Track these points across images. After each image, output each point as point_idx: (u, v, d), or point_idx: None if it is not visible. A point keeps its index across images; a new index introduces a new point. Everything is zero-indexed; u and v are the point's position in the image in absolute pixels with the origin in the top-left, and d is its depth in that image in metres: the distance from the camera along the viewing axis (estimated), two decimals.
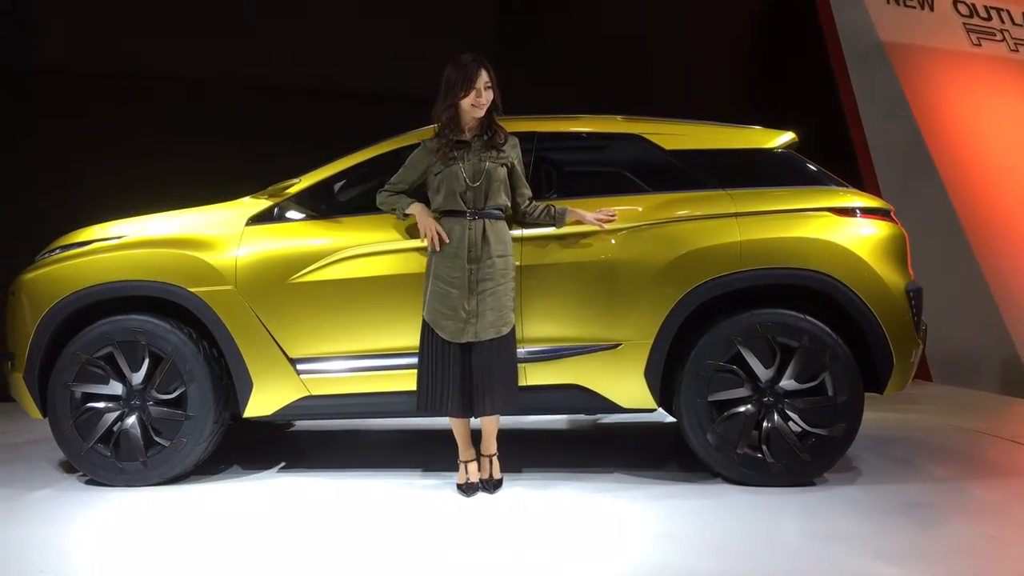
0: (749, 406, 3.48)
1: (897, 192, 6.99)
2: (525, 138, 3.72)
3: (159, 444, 3.67)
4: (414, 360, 3.45)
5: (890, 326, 3.48)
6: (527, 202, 3.51)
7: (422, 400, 3.34)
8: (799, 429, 3.49)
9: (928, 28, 7.90)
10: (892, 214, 3.75)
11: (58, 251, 3.92)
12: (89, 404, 3.73)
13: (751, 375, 3.49)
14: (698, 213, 3.59)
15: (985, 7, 8.07)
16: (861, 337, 3.51)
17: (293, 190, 3.77)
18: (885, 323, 3.47)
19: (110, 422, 3.70)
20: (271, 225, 3.73)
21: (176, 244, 3.75)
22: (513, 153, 3.45)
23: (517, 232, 3.55)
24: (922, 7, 7.91)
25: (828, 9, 7.85)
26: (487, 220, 3.34)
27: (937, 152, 7.50)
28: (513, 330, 3.38)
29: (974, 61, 7.93)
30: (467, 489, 3.41)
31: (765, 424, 3.46)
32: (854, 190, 3.78)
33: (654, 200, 3.66)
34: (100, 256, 3.82)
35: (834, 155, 5.95)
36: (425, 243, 3.41)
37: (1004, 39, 8.14)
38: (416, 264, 3.53)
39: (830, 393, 3.45)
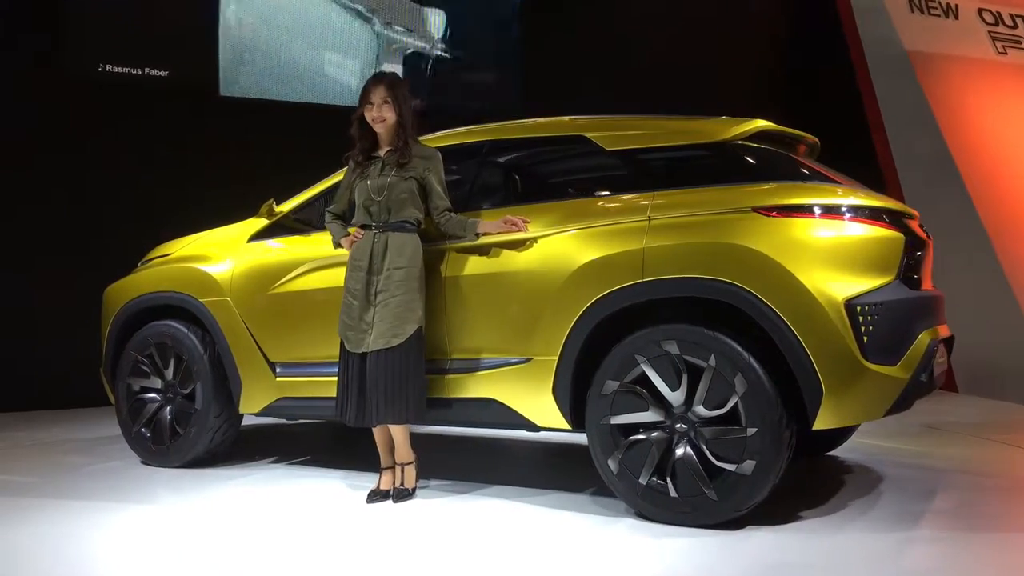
0: (659, 432, 2.91)
1: (922, 200, 6.23)
2: (475, 149, 3.57)
3: (178, 433, 4.00)
4: None
5: (815, 347, 2.70)
6: (440, 214, 3.32)
7: (336, 408, 3.33)
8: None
9: (953, 36, 6.98)
10: (883, 214, 2.97)
11: (139, 265, 4.42)
12: (140, 395, 4.14)
13: (660, 398, 2.92)
14: (609, 220, 3.08)
15: (1011, 15, 7.03)
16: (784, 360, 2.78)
17: (280, 208, 3.91)
18: (808, 343, 2.70)
19: (152, 411, 4.09)
20: (261, 242, 3.92)
21: (197, 260, 4.08)
22: (427, 166, 3.32)
23: (441, 244, 3.40)
24: (946, 15, 6.99)
25: (851, 18, 7.11)
26: (391, 233, 3.27)
27: (962, 160, 6.64)
28: (412, 342, 3.20)
29: (999, 69, 6.94)
30: (371, 496, 3.31)
31: (677, 452, 2.88)
32: (834, 186, 3.00)
33: (570, 207, 3.22)
34: (150, 270, 4.26)
35: (858, 164, 5.44)
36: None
37: None
38: None
39: (742, 422, 2.79)
